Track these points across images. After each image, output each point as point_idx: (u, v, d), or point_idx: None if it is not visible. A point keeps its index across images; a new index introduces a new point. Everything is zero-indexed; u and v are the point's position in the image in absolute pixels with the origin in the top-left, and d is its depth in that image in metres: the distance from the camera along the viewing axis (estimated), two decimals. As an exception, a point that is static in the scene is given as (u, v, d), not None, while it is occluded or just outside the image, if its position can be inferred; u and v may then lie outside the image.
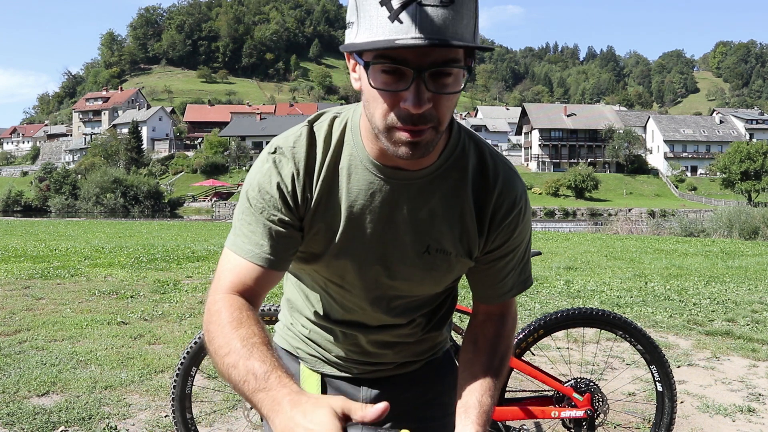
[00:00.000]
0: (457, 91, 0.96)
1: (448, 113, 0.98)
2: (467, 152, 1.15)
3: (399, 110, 0.94)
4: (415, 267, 1.16)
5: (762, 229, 17.81)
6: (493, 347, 1.24)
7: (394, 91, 0.93)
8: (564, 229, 28.46)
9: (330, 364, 1.34)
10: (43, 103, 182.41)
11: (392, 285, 1.20)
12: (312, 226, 1.14)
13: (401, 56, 0.90)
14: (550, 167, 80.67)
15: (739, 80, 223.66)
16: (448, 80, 0.94)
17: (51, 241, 13.98)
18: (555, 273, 8.76)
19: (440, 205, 1.13)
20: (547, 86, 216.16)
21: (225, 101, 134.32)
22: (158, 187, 66.79)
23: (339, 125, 1.13)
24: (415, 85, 0.92)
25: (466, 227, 1.15)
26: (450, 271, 1.19)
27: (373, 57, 0.92)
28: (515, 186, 1.17)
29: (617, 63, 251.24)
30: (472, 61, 0.98)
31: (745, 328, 5.52)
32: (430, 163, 1.10)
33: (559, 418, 2.67)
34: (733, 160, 58.96)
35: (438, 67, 0.91)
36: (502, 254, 1.20)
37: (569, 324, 2.76)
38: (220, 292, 1.10)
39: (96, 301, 6.49)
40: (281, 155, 1.11)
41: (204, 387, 3.81)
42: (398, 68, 0.92)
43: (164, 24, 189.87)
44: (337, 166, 1.12)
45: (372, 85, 0.94)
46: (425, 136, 0.97)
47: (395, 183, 1.11)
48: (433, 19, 0.88)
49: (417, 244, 1.14)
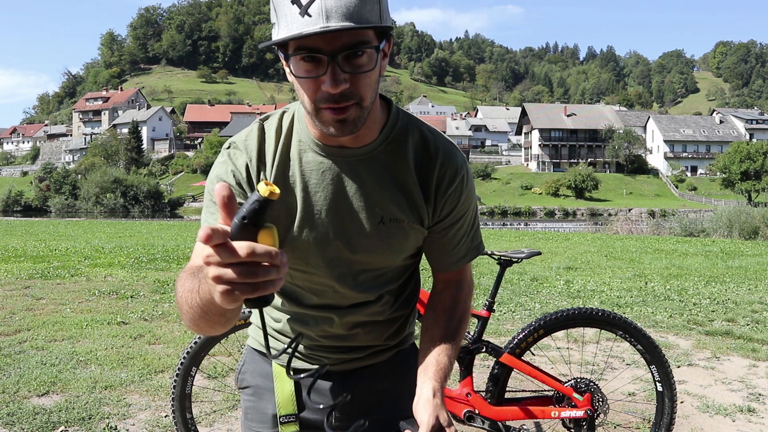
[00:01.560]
0: (371, 69, 1.06)
1: (368, 90, 1.07)
2: (408, 129, 1.25)
3: (321, 93, 1.05)
4: (372, 238, 1.24)
5: (762, 229, 17.80)
6: (451, 311, 1.34)
7: (314, 78, 1.04)
8: (564, 229, 28.47)
9: (302, 357, 1.37)
10: (43, 103, 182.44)
11: (354, 259, 1.26)
12: (271, 210, 1.18)
13: (314, 45, 1.01)
14: (550, 167, 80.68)
15: (739, 80, 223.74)
16: (361, 60, 1.04)
17: (51, 241, 13.98)
18: (555, 273, 8.76)
19: (386, 177, 1.23)
20: (547, 86, 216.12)
21: (225, 101, 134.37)
22: (158, 187, 66.80)
23: (287, 117, 1.25)
24: (331, 69, 1.02)
25: (412, 196, 1.24)
26: (406, 239, 1.27)
27: (292, 50, 1.04)
28: (455, 156, 1.27)
29: (617, 63, 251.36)
30: (386, 41, 1.09)
31: (745, 328, 5.52)
32: (371, 140, 1.21)
33: (559, 418, 2.67)
34: (733, 160, 58.98)
35: (349, 50, 1.02)
36: (452, 222, 1.30)
37: (569, 324, 2.76)
38: (183, 272, 1.15)
39: (96, 301, 6.49)
40: (235, 149, 1.22)
41: (204, 387, 3.81)
42: (314, 56, 1.02)
43: (164, 24, 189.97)
44: (288, 152, 1.22)
45: (294, 74, 1.06)
46: (350, 113, 1.07)
47: (342, 161, 1.21)
48: (337, 8, 0.99)
49: (371, 215, 1.23)
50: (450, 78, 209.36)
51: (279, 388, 1.36)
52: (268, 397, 1.38)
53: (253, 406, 1.40)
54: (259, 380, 1.40)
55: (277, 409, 1.36)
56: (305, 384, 1.35)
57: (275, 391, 1.37)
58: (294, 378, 1.04)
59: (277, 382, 1.37)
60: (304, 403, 1.36)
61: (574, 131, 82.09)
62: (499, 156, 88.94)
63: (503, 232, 20.43)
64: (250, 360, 1.44)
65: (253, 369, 1.42)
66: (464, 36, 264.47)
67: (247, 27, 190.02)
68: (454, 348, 1.28)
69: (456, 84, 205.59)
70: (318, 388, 1.37)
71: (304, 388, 1.36)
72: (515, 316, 5.92)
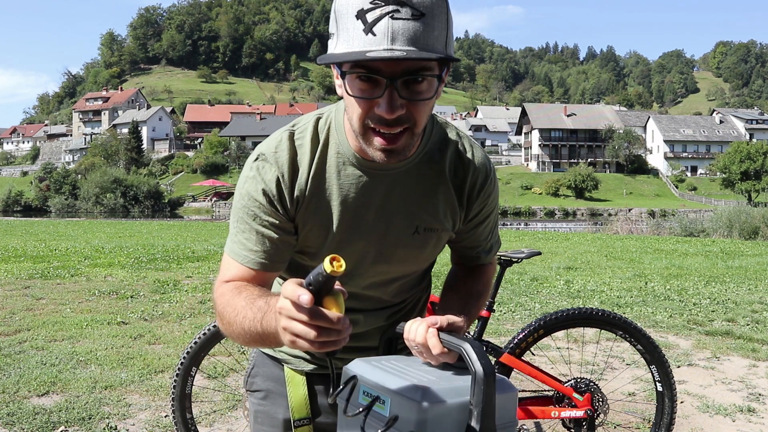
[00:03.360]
0: (429, 98, 1.03)
1: (422, 117, 1.05)
2: (443, 137, 1.25)
3: (374, 115, 1.02)
4: (407, 248, 1.25)
5: (762, 229, 17.80)
6: (473, 280, 1.36)
7: (368, 99, 1.01)
8: (564, 229, 28.47)
9: (314, 360, 1.37)
10: (43, 103, 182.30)
11: (388, 270, 1.27)
12: (305, 223, 1.20)
13: (374, 66, 0.98)
14: (550, 167, 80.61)
15: (739, 80, 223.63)
16: (420, 87, 1.01)
17: (51, 241, 13.98)
18: (555, 273, 8.76)
19: (422, 187, 1.22)
20: (547, 86, 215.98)
21: (225, 101, 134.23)
22: (158, 187, 66.77)
23: (324, 125, 1.20)
24: (388, 93, 0.99)
25: (447, 203, 1.25)
26: (437, 246, 1.30)
27: (350, 67, 1.00)
28: (485, 159, 1.31)
29: (617, 63, 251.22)
30: (446, 69, 1.05)
31: (745, 328, 5.52)
32: (411, 154, 1.18)
33: (559, 418, 2.67)
34: (733, 160, 58.94)
35: (409, 76, 0.99)
36: (482, 219, 1.33)
37: (569, 324, 2.76)
38: (222, 284, 1.18)
39: (96, 301, 6.49)
40: (263, 161, 1.17)
41: (204, 387, 3.81)
42: (372, 77, 0.99)
43: (164, 24, 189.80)
44: (324, 163, 1.19)
45: (349, 92, 1.02)
46: (400, 142, 1.05)
47: (382, 174, 1.19)
48: (404, 31, 0.94)
49: (407, 227, 1.23)
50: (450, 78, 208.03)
51: (292, 392, 1.37)
52: (279, 401, 1.38)
53: (263, 411, 1.41)
54: (271, 384, 1.41)
55: (290, 412, 1.36)
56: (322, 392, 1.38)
57: (288, 395, 1.37)
58: (329, 398, 1.04)
59: (290, 386, 1.37)
60: (318, 407, 1.37)
61: (574, 131, 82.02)
62: (499, 156, 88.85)
63: (503, 232, 20.43)
64: (260, 363, 1.44)
65: (264, 373, 1.42)
66: (464, 36, 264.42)
67: (247, 27, 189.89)
68: (476, 305, 1.30)
69: (456, 84, 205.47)
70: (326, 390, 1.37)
71: (320, 395, 1.38)
72: (515, 316, 5.92)
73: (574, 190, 66.58)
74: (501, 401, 0.98)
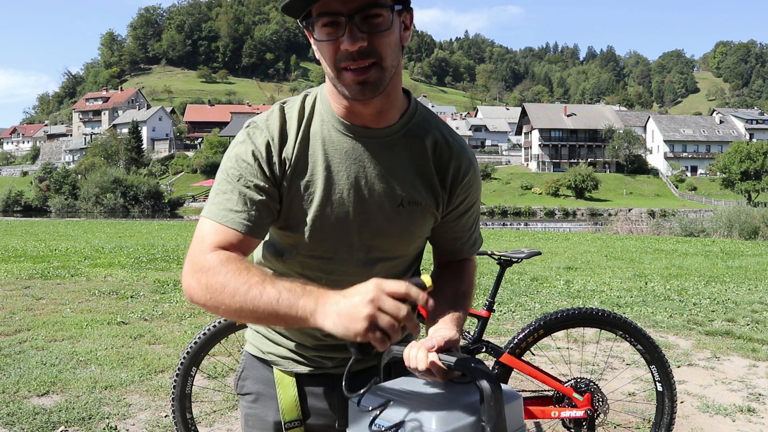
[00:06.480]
0: (388, 29, 1.11)
1: (386, 49, 1.13)
2: (427, 119, 1.31)
3: (341, 53, 1.11)
4: (392, 221, 1.26)
5: (762, 229, 17.81)
6: (460, 275, 1.39)
7: (334, 40, 1.11)
8: (564, 229, 28.47)
9: (304, 361, 1.36)
10: (43, 103, 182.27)
11: (372, 244, 1.27)
12: (291, 187, 1.21)
13: (333, 8, 1.08)
14: (550, 167, 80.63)
15: (739, 80, 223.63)
16: (378, 20, 1.10)
17: (51, 241, 13.98)
18: (555, 273, 8.76)
19: (406, 161, 1.26)
20: (547, 86, 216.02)
21: (225, 101, 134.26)
22: (158, 187, 66.75)
23: (310, 99, 1.28)
24: (349, 29, 1.09)
25: (430, 181, 1.28)
26: (423, 223, 1.31)
27: (315, 15, 1.11)
28: (468, 150, 1.34)
29: (617, 63, 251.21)
30: (402, 6, 1.15)
31: (745, 328, 5.52)
32: (393, 121, 1.24)
33: (559, 418, 2.67)
34: (733, 160, 58.95)
35: (364, 10, 1.08)
36: (464, 210, 1.36)
37: (569, 324, 2.76)
38: (208, 251, 1.14)
39: (96, 301, 6.49)
40: (255, 128, 1.23)
41: (204, 387, 3.81)
42: (334, 20, 1.09)
43: (164, 24, 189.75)
44: (310, 129, 1.24)
45: (316, 38, 1.13)
46: (370, 74, 1.12)
47: (365, 141, 1.23)
48: None
49: (391, 197, 1.25)
50: (450, 78, 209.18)
51: (282, 393, 1.36)
52: (269, 404, 1.38)
53: (253, 413, 1.40)
54: (260, 387, 1.40)
55: (281, 414, 1.36)
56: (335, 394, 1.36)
57: (278, 397, 1.36)
58: (352, 396, 1.06)
59: (280, 388, 1.37)
60: (309, 409, 1.37)
61: (574, 131, 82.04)
62: (499, 156, 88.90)
63: (503, 232, 20.43)
64: (249, 366, 1.43)
65: (254, 375, 1.42)
66: (464, 36, 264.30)
67: (247, 27, 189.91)
68: (464, 308, 1.31)
69: (456, 84, 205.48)
70: (319, 393, 1.37)
71: (310, 396, 1.38)
72: (515, 316, 5.92)
73: (574, 190, 66.59)
74: (509, 411, 1.01)
